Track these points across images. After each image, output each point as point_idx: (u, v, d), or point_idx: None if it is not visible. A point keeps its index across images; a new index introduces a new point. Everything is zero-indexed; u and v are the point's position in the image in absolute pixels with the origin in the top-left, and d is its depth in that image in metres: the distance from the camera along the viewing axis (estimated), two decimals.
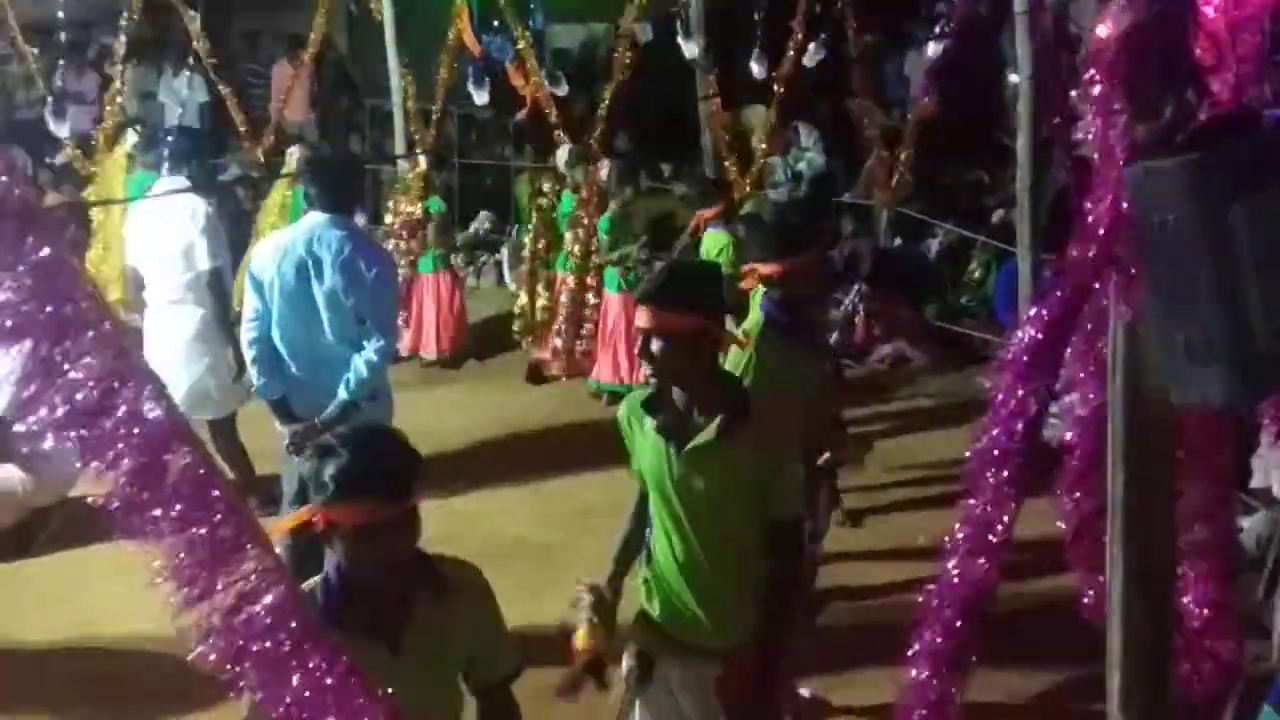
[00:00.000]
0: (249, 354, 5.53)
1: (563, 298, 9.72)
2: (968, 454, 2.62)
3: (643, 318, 3.56)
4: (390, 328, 5.57)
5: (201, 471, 2.07)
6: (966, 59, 13.34)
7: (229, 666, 2.12)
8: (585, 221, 9.59)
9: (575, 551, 6.74)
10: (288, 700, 2.12)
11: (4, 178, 1.95)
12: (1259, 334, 2.21)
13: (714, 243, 8.05)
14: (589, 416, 8.25)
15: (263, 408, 5.82)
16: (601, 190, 9.65)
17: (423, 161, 10.59)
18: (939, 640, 2.56)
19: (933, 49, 10.94)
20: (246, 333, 5.54)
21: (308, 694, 2.11)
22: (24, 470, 6.76)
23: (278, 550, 2.23)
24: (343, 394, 5.38)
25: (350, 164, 5.93)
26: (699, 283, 3.67)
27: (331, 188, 5.53)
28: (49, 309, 2.01)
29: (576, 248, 9.69)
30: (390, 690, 2.24)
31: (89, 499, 2.13)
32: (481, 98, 11.20)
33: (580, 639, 3.78)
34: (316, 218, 5.50)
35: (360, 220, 8.62)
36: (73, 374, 2.05)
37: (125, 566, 2.21)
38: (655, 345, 3.51)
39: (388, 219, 10.70)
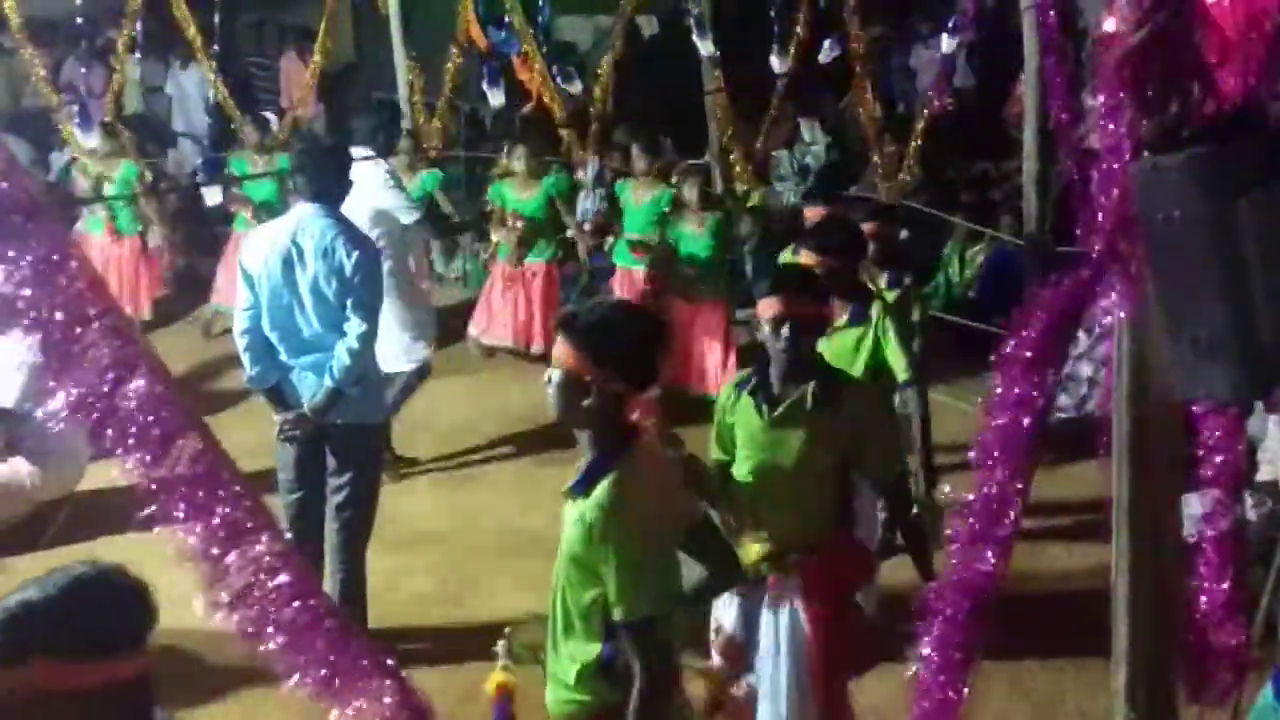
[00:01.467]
0: (240, 344, 5.58)
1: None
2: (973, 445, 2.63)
3: (775, 306, 4.13)
4: (372, 314, 5.60)
5: (212, 457, 2.08)
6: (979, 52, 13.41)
7: (256, 632, 2.14)
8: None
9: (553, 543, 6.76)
10: (315, 668, 2.13)
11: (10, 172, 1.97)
12: (1264, 329, 2.21)
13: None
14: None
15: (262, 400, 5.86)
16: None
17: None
18: (946, 633, 2.57)
19: (946, 43, 10.92)
20: (238, 323, 5.61)
21: (331, 658, 2.12)
22: (32, 464, 6.78)
23: None
24: (328, 382, 5.46)
25: (337, 154, 5.96)
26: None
27: (318, 178, 5.60)
28: (58, 300, 2.02)
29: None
30: None
31: (104, 489, 2.15)
32: (497, 98, 11.17)
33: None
34: (304, 208, 5.57)
35: None
36: (85, 362, 2.06)
37: (133, 560, 2.22)
38: (786, 329, 4.10)
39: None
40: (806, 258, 5.30)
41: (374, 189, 7.26)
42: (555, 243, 9.49)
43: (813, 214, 6.92)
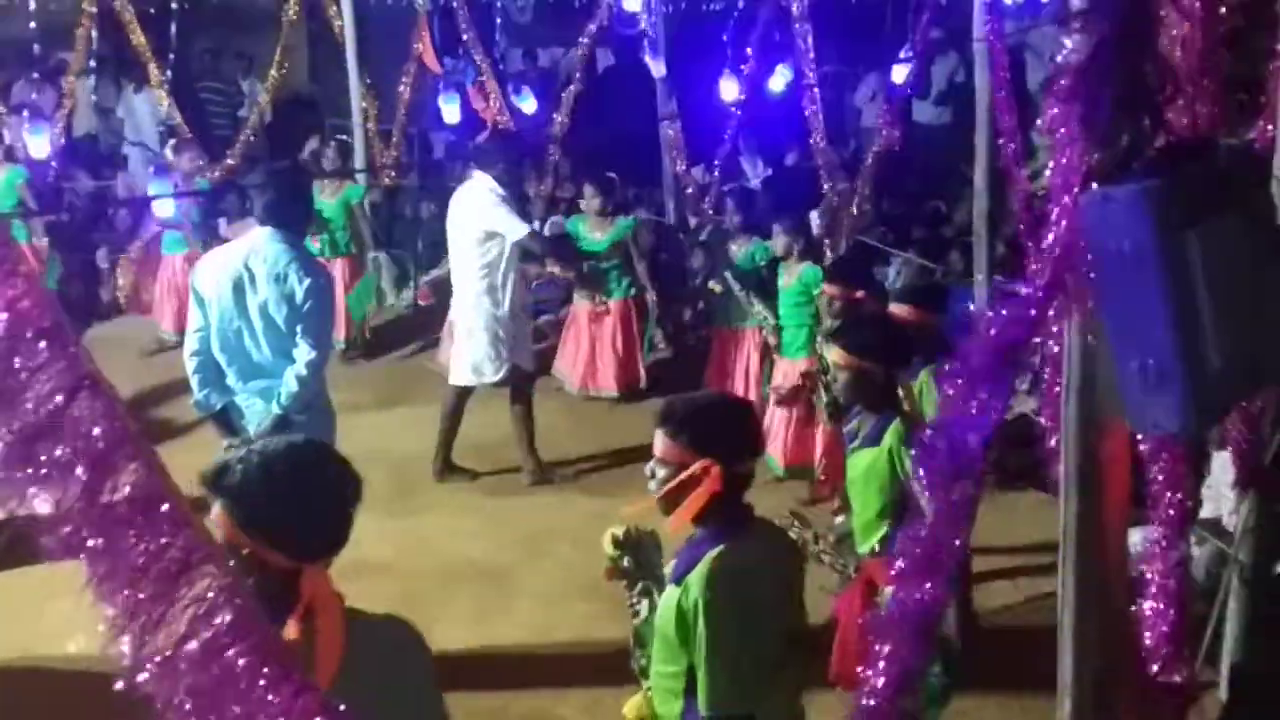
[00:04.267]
0: (189, 366, 5.55)
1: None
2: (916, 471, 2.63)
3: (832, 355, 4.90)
4: (322, 341, 5.58)
5: (150, 487, 2.03)
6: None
7: (172, 697, 2.06)
8: None
9: (527, 575, 6.73)
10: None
11: None
12: (1212, 360, 2.23)
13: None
14: (541, 438, 8.22)
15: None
16: None
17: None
18: (890, 662, 2.56)
19: (898, 74, 11.02)
20: (188, 346, 5.58)
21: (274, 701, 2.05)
22: None
23: None
24: (274, 408, 5.44)
25: (295, 180, 5.95)
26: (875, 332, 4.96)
27: (275, 202, 5.56)
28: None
29: None
30: None
31: (33, 515, 2.09)
32: (451, 114, 11.21)
33: None
34: (259, 232, 5.54)
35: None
36: (24, 391, 2.02)
37: (74, 585, 2.17)
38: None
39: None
40: (835, 355, 4.90)
41: (482, 208, 7.52)
42: (627, 281, 9.37)
43: (831, 291, 6.73)
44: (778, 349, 7.93)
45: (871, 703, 2.55)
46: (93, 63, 12.26)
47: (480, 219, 7.53)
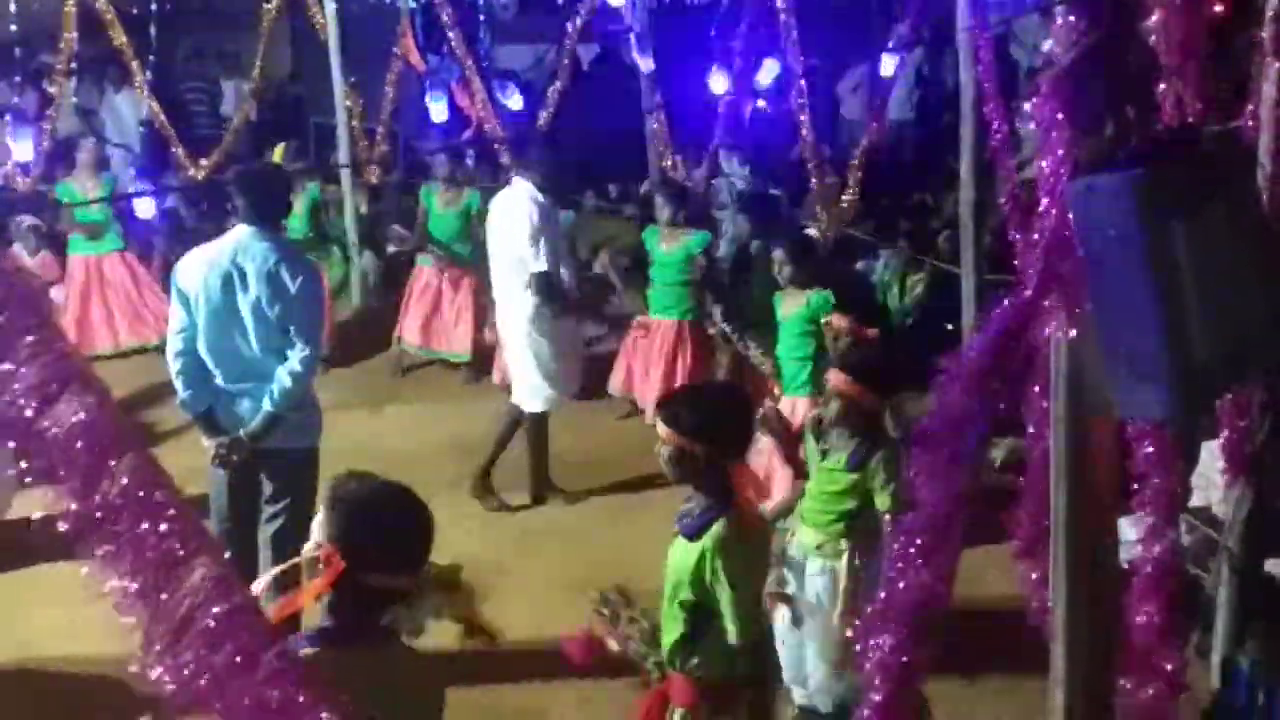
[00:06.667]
0: (174, 367, 5.51)
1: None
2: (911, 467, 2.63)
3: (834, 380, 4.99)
4: (315, 338, 5.58)
5: (147, 480, 2.03)
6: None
7: (181, 685, 2.07)
8: None
9: (520, 573, 6.72)
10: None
11: None
12: (1197, 349, 2.23)
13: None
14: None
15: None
16: None
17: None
18: (887, 654, 2.56)
19: (886, 64, 11.01)
20: (172, 345, 5.54)
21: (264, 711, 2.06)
22: None
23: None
24: (267, 405, 5.41)
25: (275, 177, 5.95)
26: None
27: (256, 200, 5.55)
28: None
29: None
30: None
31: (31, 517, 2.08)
32: (439, 112, 11.18)
33: None
34: (243, 230, 5.51)
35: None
36: (13, 384, 2.01)
37: (67, 587, 2.17)
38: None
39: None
40: (835, 378, 5.05)
41: (521, 221, 7.12)
42: (691, 301, 8.61)
43: (840, 324, 6.41)
44: (778, 387, 7.18)
45: (874, 698, 2.55)
46: (74, 64, 12.20)
47: (521, 234, 7.12)
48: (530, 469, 7.61)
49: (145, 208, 10.32)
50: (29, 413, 2.03)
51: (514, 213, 7.20)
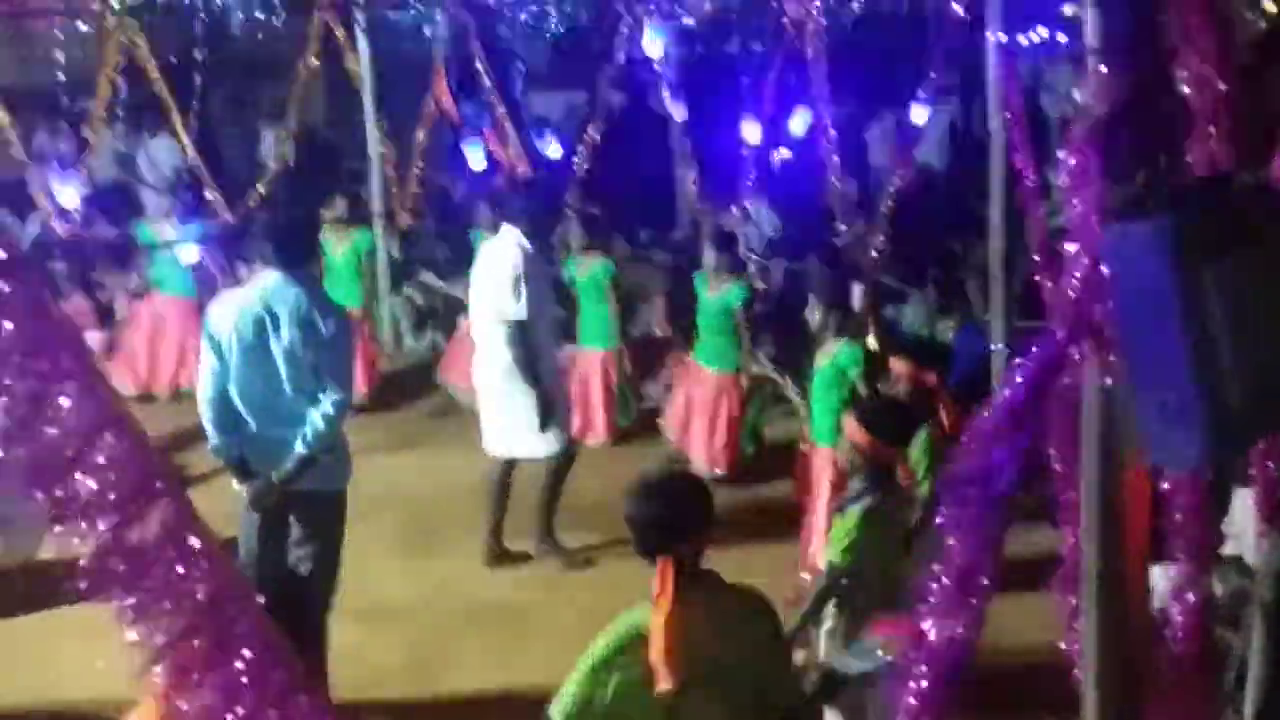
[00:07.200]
0: (205, 413, 5.54)
1: None
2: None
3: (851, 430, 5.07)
4: (346, 381, 5.61)
5: (180, 523, 2.05)
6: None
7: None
8: None
9: (545, 617, 6.72)
10: None
11: None
12: (1231, 395, 2.22)
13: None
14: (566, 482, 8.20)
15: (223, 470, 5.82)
16: None
17: None
18: (916, 703, 2.55)
19: (916, 113, 11.02)
20: (203, 391, 5.56)
21: None
22: None
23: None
24: (300, 448, 5.43)
25: (301, 222, 6.01)
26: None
27: (283, 245, 5.61)
28: (26, 360, 1.99)
29: None
30: None
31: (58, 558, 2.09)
32: (476, 160, 11.27)
33: None
34: (271, 275, 5.57)
35: None
36: (50, 430, 2.03)
37: (95, 628, 2.18)
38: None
39: None
40: (849, 428, 5.14)
41: (503, 267, 7.09)
42: (734, 352, 8.61)
43: (899, 368, 6.39)
44: (809, 431, 7.22)
45: None
46: (113, 111, 12.37)
47: (502, 282, 7.08)
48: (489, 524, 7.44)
49: (189, 253, 10.43)
50: (67, 455, 2.05)
51: (498, 261, 7.19)
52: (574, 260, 9.23)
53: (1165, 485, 3.39)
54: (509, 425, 7.29)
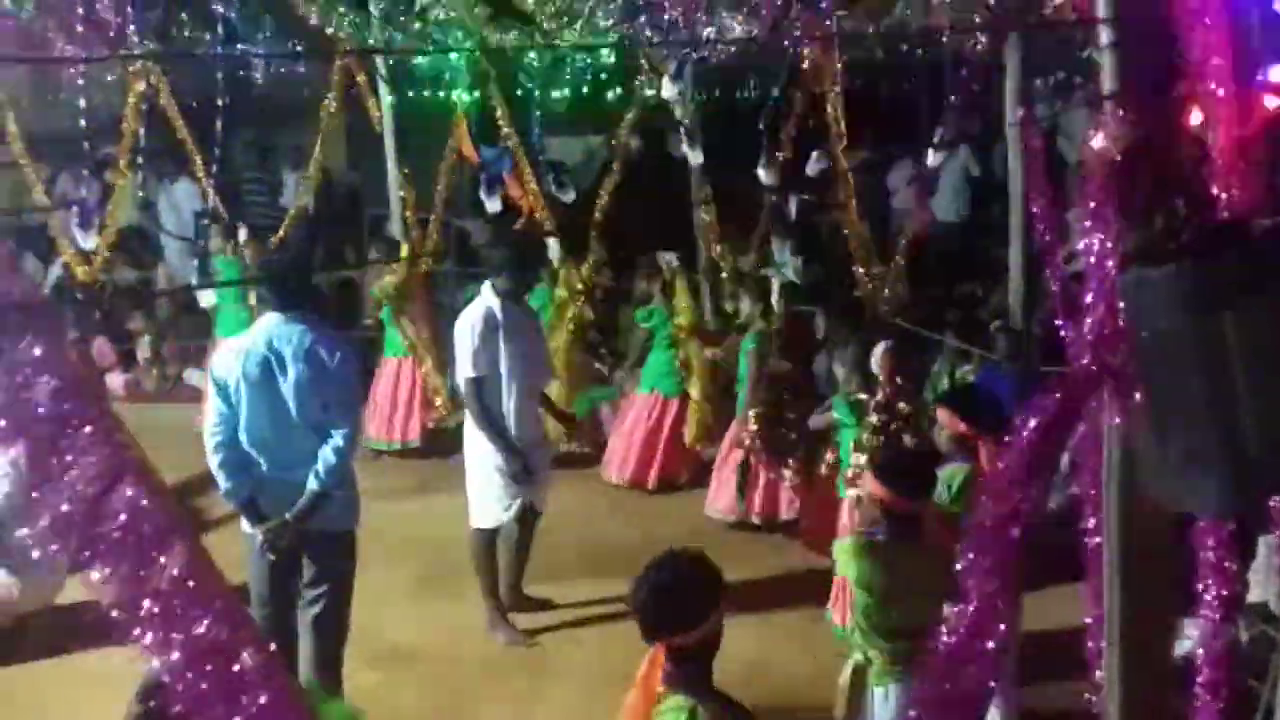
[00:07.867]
0: (215, 458, 5.54)
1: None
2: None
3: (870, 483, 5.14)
4: (354, 416, 5.67)
5: (195, 570, 2.05)
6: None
7: None
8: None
9: (563, 662, 6.69)
10: None
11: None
12: (1250, 443, 2.21)
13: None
14: (581, 525, 8.20)
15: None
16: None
17: None
18: None
19: (933, 158, 11.02)
20: (211, 436, 5.56)
21: None
22: (11, 574, 6.69)
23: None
24: (313, 484, 5.44)
25: (299, 264, 6.06)
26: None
27: (283, 287, 5.68)
28: (46, 407, 2.00)
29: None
30: None
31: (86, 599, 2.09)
32: (494, 205, 11.33)
33: None
34: (272, 317, 5.61)
35: None
36: (68, 477, 2.03)
37: (111, 673, 2.18)
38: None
39: None
40: (869, 482, 5.18)
41: (469, 322, 6.90)
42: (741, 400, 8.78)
43: (943, 418, 6.18)
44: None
45: None
46: (136, 157, 12.45)
47: (458, 337, 6.92)
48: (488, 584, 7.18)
49: (208, 298, 10.54)
50: (85, 502, 2.05)
51: (462, 317, 7.01)
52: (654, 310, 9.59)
53: (1188, 531, 3.37)
54: (472, 494, 7.09)
